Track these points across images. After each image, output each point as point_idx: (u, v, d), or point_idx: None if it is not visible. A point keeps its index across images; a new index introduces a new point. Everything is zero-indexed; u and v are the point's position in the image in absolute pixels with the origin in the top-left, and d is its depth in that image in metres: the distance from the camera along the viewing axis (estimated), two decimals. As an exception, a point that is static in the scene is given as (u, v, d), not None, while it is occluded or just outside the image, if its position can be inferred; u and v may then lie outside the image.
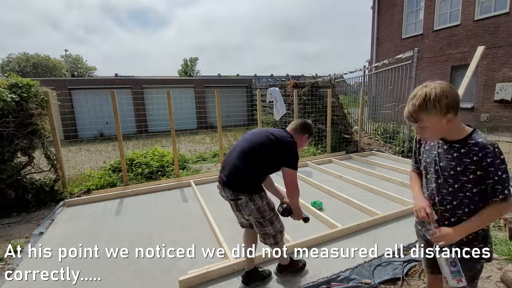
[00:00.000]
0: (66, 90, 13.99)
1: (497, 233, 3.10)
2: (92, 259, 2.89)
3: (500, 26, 9.99)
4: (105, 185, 5.13)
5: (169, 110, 5.39)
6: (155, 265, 2.73)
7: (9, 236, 3.52)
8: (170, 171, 5.87)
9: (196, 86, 16.80)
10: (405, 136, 6.88)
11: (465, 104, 11.29)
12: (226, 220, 3.66)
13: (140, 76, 25.99)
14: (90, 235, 3.40)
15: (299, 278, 2.45)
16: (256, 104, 6.42)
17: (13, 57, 34.18)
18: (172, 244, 3.12)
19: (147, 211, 4.07)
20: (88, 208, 4.25)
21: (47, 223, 3.75)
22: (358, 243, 2.97)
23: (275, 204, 2.32)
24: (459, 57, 11.36)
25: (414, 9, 13.32)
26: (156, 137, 11.98)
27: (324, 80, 7.91)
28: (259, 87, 15.06)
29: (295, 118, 7.03)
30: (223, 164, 2.23)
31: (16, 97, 4.05)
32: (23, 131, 4.15)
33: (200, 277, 2.42)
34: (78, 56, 42.44)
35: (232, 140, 10.13)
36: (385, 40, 14.67)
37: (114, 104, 5.00)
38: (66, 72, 37.01)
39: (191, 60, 38.48)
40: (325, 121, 7.48)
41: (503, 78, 10.05)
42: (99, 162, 7.01)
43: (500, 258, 2.66)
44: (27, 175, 4.38)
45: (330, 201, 4.16)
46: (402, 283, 2.37)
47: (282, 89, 9.61)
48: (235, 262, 2.56)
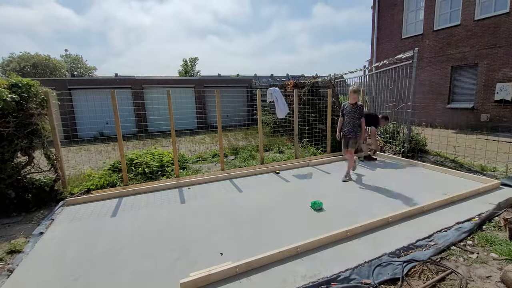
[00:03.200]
0: (66, 90, 13.99)
1: (497, 233, 3.10)
2: (92, 259, 2.89)
3: (500, 26, 9.99)
4: (105, 185, 5.13)
5: (169, 110, 5.40)
6: (155, 266, 2.73)
7: (9, 236, 3.52)
8: (170, 171, 5.88)
9: (196, 86, 16.80)
10: (405, 136, 6.87)
11: (465, 104, 11.30)
12: (224, 221, 3.67)
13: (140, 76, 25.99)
14: (90, 235, 3.40)
15: (299, 278, 2.45)
16: (256, 104, 6.41)
17: (14, 56, 34.20)
18: (172, 244, 3.11)
19: (147, 211, 4.07)
20: (88, 208, 4.25)
21: (47, 223, 3.75)
22: (359, 243, 2.97)
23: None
24: (459, 57, 11.36)
25: (414, 9, 13.31)
26: (156, 137, 11.97)
27: (324, 80, 7.91)
28: (259, 87, 15.05)
29: (295, 118, 7.03)
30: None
31: (16, 97, 4.05)
32: (23, 131, 4.15)
33: (202, 279, 2.40)
34: (78, 56, 42.47)
35: (232, 140, 10.13)
36: (385, 40, 14.66)
37: (114, 104, 5.01)
38: (66, 72, 37.03)
39: (191, 60, 38.48)
40: (325, 121, 7.47)
41: (503, 78, 10.04)
42: (99, 162, 7.01)
43: (500, 258, 2.66)
44: (27, 175, 4.38)
45: (330, 201, 4.16)
46: (402, 283, 2.37)
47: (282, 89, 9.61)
48: (237, 264, 2.55)
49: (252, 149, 7.92)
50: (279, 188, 4.91)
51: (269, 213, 3.82)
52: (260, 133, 6.60)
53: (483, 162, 5.98)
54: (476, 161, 6.12)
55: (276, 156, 7.29)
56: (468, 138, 8.02)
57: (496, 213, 3.50)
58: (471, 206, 3.76)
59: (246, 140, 10.05)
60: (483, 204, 3.82)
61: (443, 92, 12.06)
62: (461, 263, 2.62)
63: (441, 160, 6.33)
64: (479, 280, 2.39)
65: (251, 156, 7.32)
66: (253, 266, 2.58)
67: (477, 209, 3.64)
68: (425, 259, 2.64)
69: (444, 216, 3.49)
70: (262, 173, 5.86)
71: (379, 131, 8.33)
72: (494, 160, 5.92)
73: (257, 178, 5.54)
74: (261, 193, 4.66)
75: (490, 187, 4.36)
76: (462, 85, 11.61)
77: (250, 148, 8.06)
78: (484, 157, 6.29)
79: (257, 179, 5.46)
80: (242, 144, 9.16)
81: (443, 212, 3.62)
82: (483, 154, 6.41)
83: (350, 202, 4.13)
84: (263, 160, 6.63)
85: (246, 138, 10.51)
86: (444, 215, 3.54)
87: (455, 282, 2.36)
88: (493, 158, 6.05)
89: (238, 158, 7.31)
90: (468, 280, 2.38)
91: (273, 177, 5.58)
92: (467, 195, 4.08)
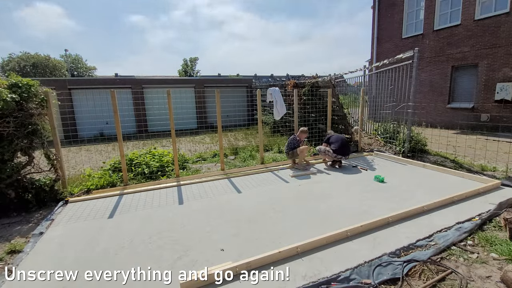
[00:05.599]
0: (66, 90, 13.98)
1: (498, 233, 3.10)
2: (92, 259, 2.89)
3: (501, 26, 9.98)
4: (105, 185, 5.13)
5: (169, 110, 5.39)
6: (155, 266, 2.73)
7: (9, 236, 3.52)
8: (170, 171, 5.88)
9: (196, 86, 16.80)
10: (406, 136, 6.87)
11: (465, 104, 11.29)
12: (224, 221, 3.66)
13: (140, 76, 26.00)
14: (90, 235, 3.40)
15: (299, 278, 2.45)
16: (256, 104, 6.41)
17: (13, 56, 34.19)
18: (172, 244, 3.11)
19: (147, 211, 4.07)
20: (88, 208, 4.25)
21: (47, 223, 3.75)
22: (359, 243, 2.97)
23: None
24: (460, 57, 11.35)
25: (414, 9, 13.31)
26: (156, 137, 11.97)
27: (324, 80, 7.90)
28: (259, 87, 15.04)
29: (295, 118, 7.03)
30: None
31: (16, 97, 4.05)
32: (23, 131, 4.15)
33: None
34: (78, 56, 42.46)
35: (232, 140, 10.12)
36: (386, 40, 14.66)
37: (114, 104, 5.00)
38: (66, 72, 37.03)
39: (191, 60, 38.48)
40: (325, 121, 7.47)
41: (504, 78, 10.04)
42: (99, 162, 7.01)
43: (500, 258, 2.66)
44: (27, 175, 4.38)
45: (330, 201, 4.16)
46: (402, 283, 2.37)
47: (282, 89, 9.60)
48: (237, 264, 2.54)
49: (252, 149, 7.92)
50: (279, 188, 4.91)
51: (269, 213, 3.82)
52: (260, 133, 6.60)
53: (483, 162, 5.98)
54: (476, 161, 6.11)
55: (276, 156, 7.28)
56: (468, 138, 8.02)
57: (497, 213, 3.50)
58: (471, 206, 3.76)
59: (246, 140, 10.05)
60: (483, 204, 3.81)
61: (443, 92, 12.05)
62: (461, 263, 2.62)
63: (441, 160, 6.33)
64: (479, 280, 2.39)
65: (251, 156, 7.32)
66: (253, 266, 2.58)
67: (477, 209, 3.63)
68: (425, 259, 2.64)
69: (444, 216, 3.49)
70: (262, 173, 5.87)
71: (380, 131, 8.33)
72: (494, 160, 5.92)
73: (257, 178, 5.53)
74: (261, 193, 4.65)
75: (490, 187, 4.36)
76: (462, 85, 11.61)
77: (250, 148, 8.06)
78: (484, 157, 6.29)
79: (257, 179, 5.46)
80: (242, 144, 9.15)
81: (443, 212, 3.62)
82: (483, 154, 6.41)
83: (350, 202, 4.13)
84: (263, 160, 6.62)
85: (246, 138, 10.51)
86: (444, 215, 3.54)
87: (455, 282, 2.35)
88: (493, 158, 6.05)
89: (238, 158, 7.31)
90: (468, 280, 2.38)
91: (273, 177, 5.58)
92: (467, 195, 4.08)
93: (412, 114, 6.66)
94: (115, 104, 5.01)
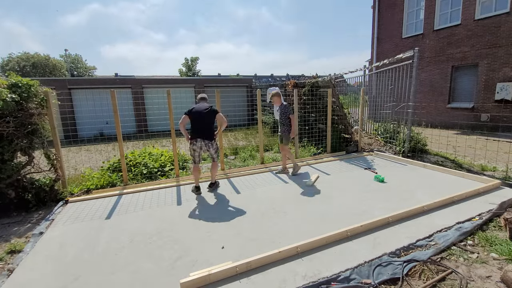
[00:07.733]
0: (66, 90, 13.99)
1: (498, 233, 3.10)
2: (92, 259, 2.89)
3: (501, 25, 9.98)
4: (105, 185, 5.13)
5: (169, 110, 5.39)
6: (155, 266, 2.72)
7: (9, 236, 3.52)
8: (170, 171, 5.87)
9: (196, 86, 16.80)
10: (406, 136, 6.87)
11: (465, 104, 11.29)
12: (224, 221, 3.66)
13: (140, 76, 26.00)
14: (90, 235, 3.40)
15: (299, 278, 2.45)
16: (256, 104, 6.41)
17: (13, 56, 34.17)
18: (172, 244, 3.11)
19: (146, 211, 4.07)
20: (88, 208, 4.24)
21: (47, 223, 3.75)
22: (359, 243, 2.97)
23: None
24: (460, 57, 11.35)
25: (414, 9, 13.31)
26: (156, 137, 11.97)
27: (324, 80, 7.90)
28: (259, 87, 15.04)
29: (295, 118, 7.02)
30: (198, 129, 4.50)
31: (16, 97, 4.05)
32: (23, 131, 4.15)
33: (202, 279, 2.40)
34: (77, 56, 42.44)
35: (232, 140, 10.12)
36: (386, 40, 14.65)
37: (114, 104, 5.00)
38: (66, 71, 37.02)
39: (192, 59, 38.45)
40: (325, 121, 7.47)
41: (504, 77, 10.04)
42: (99, 162, 7.01)
43: (500, 258, 2.66)
44: (27, 175, 4.38)
45: (330, 201, 4.16)
46: (402, 283, 2.37)
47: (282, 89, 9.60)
48: (237, 264, 2.54)
49: (252, 149, 7.91)
50: (279, 188, 4.90)
51: (269, 213, 3.82)
52: (260, 133, 6.59)
53: (483, 162, 5.98)
54: (476, 161, 6.11)
55: (276, 156, 7.28)
56: (468, 138, 8.02)
57: (497, 213, 3.50)
58: (471, 206, 3.76)
59: (246, 140, 10.04)
60: (484, 204, 3.81)
61: (443, 91, 12.05)
62: (461, 263, 2.62)
63: (441, 160, 6.33)
64: (479, 280, 2.39)
65: (251, 156, 7.32)
66: (253, 266, 2.57)
67: (478, 209, 3.63)
68: (425, 259, 2.64)
69: (444, 216, 3.49)
70: (262, 173, 5.86)
71: (380, 131, 8.33)
72: (495, 160, 5.92)
73: (257, 178, 5.53)
74: (261, 193, 4.65)
75: (490, 187, 4.36)
76: (463, 85, 11.61)
77: (250, 148, 8.06)
78: (484, 157, 6.29)
79: (257, 179, 5.46)
80: (242, 144, 9.15)
81: (443, 212, 3.62)
82: (483, 154, 6.40)
83: (350, 201, 4.12)
84: (263, 160, 6.62)
85: (246, 138, 10.50)
86: (444, 215, 3.54)
87: (455, 282, 2.35)
88: (493, 158, 6.05)
89: (238, 158, 7.31)
90: (468, 280, 2.38)
91: (273, 177, 5.57)
92: (468, 195, 4.08)
93: (412, 114, 6.66)
94: (115, 104, 5.00)
